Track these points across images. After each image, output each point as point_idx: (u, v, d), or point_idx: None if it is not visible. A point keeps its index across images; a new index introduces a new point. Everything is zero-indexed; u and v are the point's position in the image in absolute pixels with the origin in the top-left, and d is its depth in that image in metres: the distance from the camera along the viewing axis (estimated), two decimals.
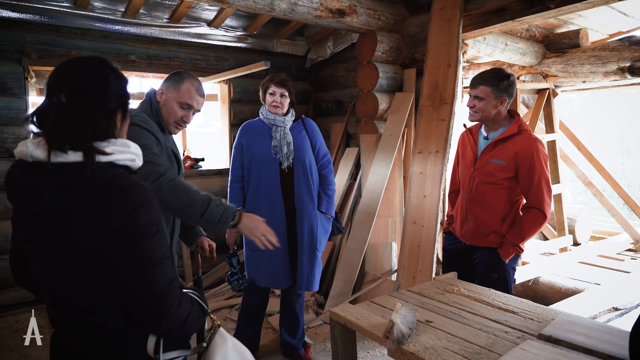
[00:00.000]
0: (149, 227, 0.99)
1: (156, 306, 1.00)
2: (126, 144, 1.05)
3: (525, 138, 2.19)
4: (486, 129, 2.35)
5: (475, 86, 2.24)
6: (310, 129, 2.65)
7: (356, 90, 4.15)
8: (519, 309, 1.74)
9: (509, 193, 2.23)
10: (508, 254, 2.21)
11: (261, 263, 2.53)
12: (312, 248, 2.58)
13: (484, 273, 2.27)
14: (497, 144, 2.25)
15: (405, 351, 1.41)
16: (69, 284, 1.01)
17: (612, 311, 2.61)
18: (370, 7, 3.52)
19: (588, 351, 1.34)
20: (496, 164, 2.22)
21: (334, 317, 1.73)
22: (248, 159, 2.53)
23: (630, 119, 12.11)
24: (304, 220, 2.54)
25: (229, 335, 1.29)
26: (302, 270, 2.56)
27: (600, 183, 4.67)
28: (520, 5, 2.90)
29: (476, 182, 2.30)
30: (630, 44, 3.59)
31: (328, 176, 2.68)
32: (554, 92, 4.31)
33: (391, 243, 3.58)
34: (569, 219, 4.41)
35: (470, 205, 2.32)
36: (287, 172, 2.52)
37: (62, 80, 0.99)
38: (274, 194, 2.49)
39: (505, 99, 2.22)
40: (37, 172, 0.97)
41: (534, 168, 2.14)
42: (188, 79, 1.75)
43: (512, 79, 2.25)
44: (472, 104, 2.26)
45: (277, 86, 2.51)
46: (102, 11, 3.50)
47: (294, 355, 2.81)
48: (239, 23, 4.17)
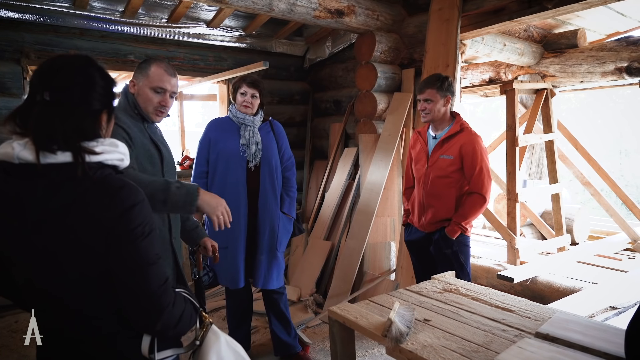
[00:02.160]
0: (141, 228, 0.98)
1: (150, 306, 0.99)
2: (114, 143, 1.03)
3: (467, 134, 2.53)
4: (433, 130, 2.65)
5: (422, 91, 2.57)
6: (277, 131, 2.72)
7: (355, 90, 4.16)
8: (516, 307, 1.74)
9: (459, 184, 2.55)
10: (454, 232, 2.50)
11: (224, 262, 2.53)
12: (272, 248, 2.63)
13: (439, 251, 2.56)
14: (444, 142, 2.57)
15: (404, 349, 1.42)
16: (62, 285, 0.99)
17: (610, 310, 2.62)
18: (369, 7, 3.53)
19: (584, 349, 1.35)
20: (446, 159, 2.54)
21: (332, 316, 1.73)
22: (215, 155, 2.57)
23: (629, 119, 12.15)
24: (266, 219, 2.58)
25: (222, 332, 1.29)
26: (260, 268, 2.60)
27: (598, 183, 4.68)
28: (518, 5, 2.92)
29: (431, 177, 2.59)
30: (627, 44, 3.60)
31: (291, 178, 2.75)
32: (551, 92, 4.31)
33: (390, 243, 3.59)
34: (567, 219, 4.42)
35: (427, 199, 2.61)
36: (253, 171, 2.56)
37: (47, 78, 0.96)
38: (239, 192, 2.53)
39: (449, 97, 2.55)
40: (24, 174, 0.94)
41: (476, 159, 2.47)
42: (154, 63, 1.73)
43: (451, 80, 2.60)
44: (423, 107, 2.57)
45: (249, 87, 2.57)
46: (101, 11, 3.50)
47: (290, 353, 2.78)
48: (238, 23, 4.18)
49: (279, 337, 2.78)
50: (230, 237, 2.51)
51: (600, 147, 11.28)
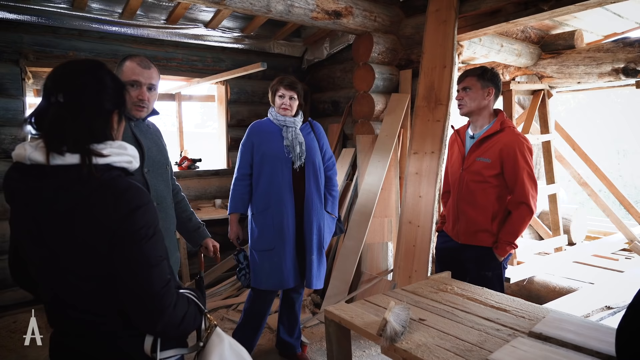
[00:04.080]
0: (145, 230, 1.01)
1: (152, 307, 1.01)
2: (123, 146, 1.06)
3: (508, 134, 2.24)
4: (472, 128, 2.40)
5: (462, 80, 2.34)
6: (317, 131, 2.72)
7: (352, 91, 4.18)
8: (511, 307, 1.76)
9: (498, 191, 2.27)
10: (504, 252, 2.24)
11: (268, 264, 2.51)
12: (320, 247, 2.62)
13: (478, 272, 2.29)
14: (482, 142, 2.30)
15: (398, 349, 1.43)
16: (66, 284, 1.02)
17: (605, 310, 2.64)
18: (366, 8, 3.54)
19: (577, 348, 1.37)
20: (483, 162, 2.26)
21: (328, 316, 1.75)
22: (259, 157, 2.54)
23: (627, 119, 12.17)
24: (312, 219, 2.57)
25: (226, 334, 1.30)
26: (312, 268, 2.58)
27: (595, 183, 4.70)
28: (514, 7, 2.93)
29: (465, 182, 2.34)
30: (624, 45, 3.61)
31: (333, 177, 2.74)
32: (549, 93, 4.33)
33: (387, 243, 3.60)
34: (564, 219, 4.44)
35: (461, 205, 2.36)
36: (298, 172, 2.55)
37: (60, 81, 1.01)
38: (286, 193, 2.51)
39: (491, 89, 2.29)
40: (35, 174, 0.99)
41: (518, 163, 2.19)
42: (128, 58, 1.74)
43: (496, 71, 2.33)
44: (460, 97, 2.34)
45: (287, 89, 2.55)
46: (100, 12, 3.51)
47: (291, 354, 2.81)
48: (236, 24, 4.19)
49: (281, 337, 2.80)
50: (277, 238, 2.50)
51: (598, 148, 11.30)
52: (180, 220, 2.03)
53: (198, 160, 4.56)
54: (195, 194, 4.38)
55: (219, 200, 4.33)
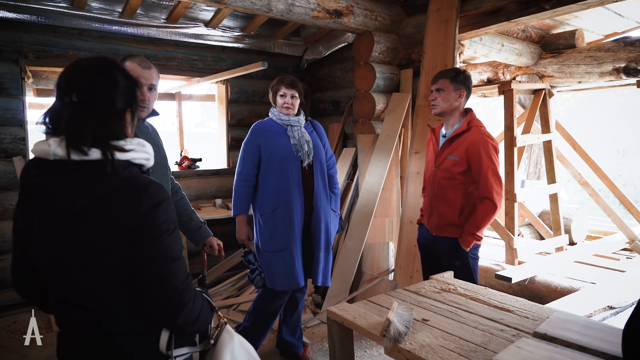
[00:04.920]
0: (167, 225, 1.02)
1: (175, 301, 1.02)
2: (142, 143, 1.07)
3: (474, 133, 2.36)
4: (445, 127, 2.51)
5: (435, 81, 2.44)
6: (318, 130, 2.72)
7: (353, 91, 4.17)
8: (514, 307, 1.75)
9: (465, 187, 2.39)
10: (468, 243, 2.37)
11: (281, 264, 2.49)
12: (327, 245, 2.62)
13: (448, 261, 2.43)
14: (452, 141, 2.42)
15: (402, 349, 1.42)
16: (77, 283, 1.02)
17: (607, 310, 2.63)
18: (367, 7, 3.53)
19: (582, 349, 1.36)
20: (452, 160, 2.39)
21: (331, 316, 1.74)
22: (267, 157, 2.52)
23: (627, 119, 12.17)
24: (321, 217, 2.57)
25: (236, 332, 1.30)
26: (319, 266, 2.58)
27: (596, 183, 4.69)
28: (516, 6, 2.92)
29: (438, 178, 2.46)
30: (625, 45, 3.61)
31: (334, 176, 2.76)
32: (549, 93, 4.32)
33: (388, 243, 3.59)
34: (565, 219, 4.44)
35: (434, 200, 2.49)
36: (307, 170, 2.55)
37: (73, 80, 1.02)
38: (295, 192, 2.50)
39: (463, 91, 2.41)
40: (59, 170, 0.99)
41: (482, 161, 2.31)
42: (128, 59, 1.74)
43: (468, 74, 2.44)
44: (433, 97, 2.44)
45: (288, 88, 2.54)
46: (100, 11, 3.50)
47: (293, 354, 2.81)
48: (237, 24, 4.18)
49: (283, 337, 2.79)
50: (288, 237, 2.48)
51: (598, 147, 11.30)
52: (181, 219, 2.02)
53: (198, 160, 4.55)
54: (195, 193, 4.36)
55: (219, 200, 4.32)
